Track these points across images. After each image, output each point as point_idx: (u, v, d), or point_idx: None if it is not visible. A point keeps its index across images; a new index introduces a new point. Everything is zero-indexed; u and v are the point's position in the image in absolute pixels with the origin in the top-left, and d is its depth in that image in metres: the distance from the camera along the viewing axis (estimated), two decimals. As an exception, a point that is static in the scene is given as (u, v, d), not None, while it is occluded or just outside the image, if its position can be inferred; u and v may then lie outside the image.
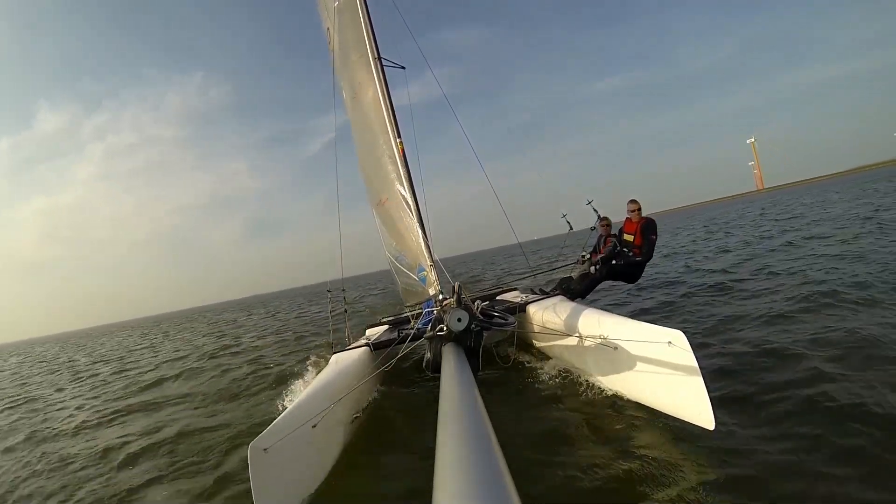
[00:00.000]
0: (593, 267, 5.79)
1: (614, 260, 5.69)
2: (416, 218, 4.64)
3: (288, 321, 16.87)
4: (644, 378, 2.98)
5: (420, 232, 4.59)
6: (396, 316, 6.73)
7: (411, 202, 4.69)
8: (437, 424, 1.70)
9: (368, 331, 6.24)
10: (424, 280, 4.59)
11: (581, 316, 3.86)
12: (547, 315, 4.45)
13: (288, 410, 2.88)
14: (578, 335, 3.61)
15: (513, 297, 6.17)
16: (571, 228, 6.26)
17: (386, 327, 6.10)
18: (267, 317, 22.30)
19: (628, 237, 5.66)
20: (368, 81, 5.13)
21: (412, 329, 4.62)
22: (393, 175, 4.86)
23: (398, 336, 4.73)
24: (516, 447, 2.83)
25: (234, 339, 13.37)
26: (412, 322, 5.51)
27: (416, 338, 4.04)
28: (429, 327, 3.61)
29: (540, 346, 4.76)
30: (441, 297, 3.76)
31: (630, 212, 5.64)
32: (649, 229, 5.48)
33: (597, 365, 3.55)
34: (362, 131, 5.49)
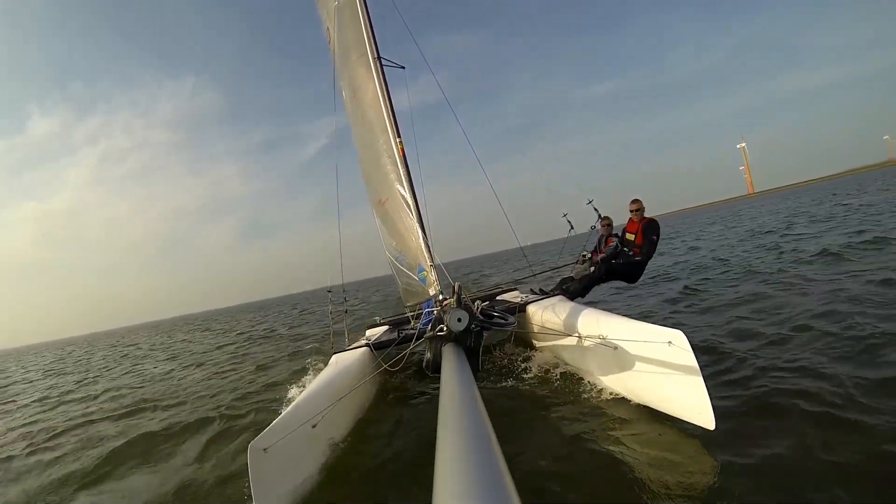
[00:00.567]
0: (593, 267, 5.79)
1: (615, 259, 5.69)
2: (416, 218, 4.64)
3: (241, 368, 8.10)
4: (644, 378, 2.98)
5: (420, 232, 4.59)
6: (396, 316, 6.74)
7: (411, 202, 4.68)
8: (437, 424, 1.70)
9: (368, 331, 6.25)
10: (424, 280, 4.59)
11: (581, 316, 3.86)
12: (547, 315, 4.46)
13: (288, 410, 2.88)
14: (578, 335, 3.61)
15: (513, 297, 6.18)
16: (572, 228, 6.25)
17: (386, 327, 6.10)
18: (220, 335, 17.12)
19: (630, 236, 5.67)
20: (368, 81, 5.12)
21: (412, 329, 4.62)
22: (392, 175, 4.86)
23: (398, 336, 4.73)
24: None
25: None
26: (412, 322, 5.51)
27: (417, 338, 4.04)
28: (429, 327, 3.61)
29: (540, 346, 4.76)
30: (441, 298, 3.76)
31: (631, 211, 5.64)
32: (651, 230, 5.48)
33: (597, 365, 3.55)
34: (362, 131, 5.48)
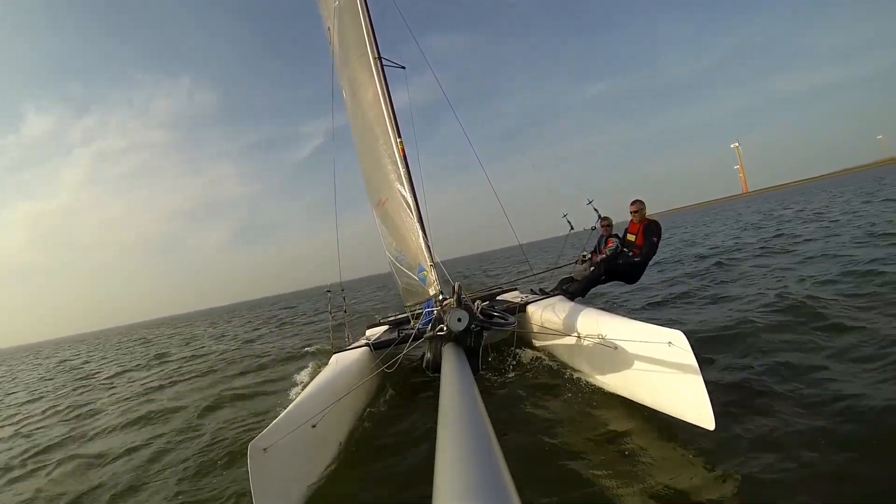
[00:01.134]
0: (593, 267, 5.79)
1: (616, 260, 5.68)
2: (416, 218, 4.64)
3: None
4: (644, 378, 2.98)
5: (420, 232, 4.59)
6: (396, 316, 6.74)
7: (411, 202, 4.68)
8: (437, 424, 1.70)
9: (368, 331, 6.25)
10: (424, 280, 4.59)
11: (580, 316, 3.86)
12: (546, 315, 4.46)
13: (288, 410, 2.87)
14: (578, 335, 3.61)
15: (513, 297, 6.18)
16: (572, 228, 6.24)
17: (386, 327, 6.11)
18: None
19: (631, 237, 5.66)
20: (369, 81, 5.12)
21: (412, 329, 4.62)
22: (393, 175, 4.86)
23: (398, 336, 4.73)
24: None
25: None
26: (412, 322, 5.51)
27: (417, 338, 4.04)
28: (429, 327, 3.61)
29: (540, 346, 4.76)
30: (441, 297, 3.76)
31: (632, 213, 5.63)
32: (651, 231, 5.47)
33: (596, 365, 3.55)
34: (362, 131, 5.48)
